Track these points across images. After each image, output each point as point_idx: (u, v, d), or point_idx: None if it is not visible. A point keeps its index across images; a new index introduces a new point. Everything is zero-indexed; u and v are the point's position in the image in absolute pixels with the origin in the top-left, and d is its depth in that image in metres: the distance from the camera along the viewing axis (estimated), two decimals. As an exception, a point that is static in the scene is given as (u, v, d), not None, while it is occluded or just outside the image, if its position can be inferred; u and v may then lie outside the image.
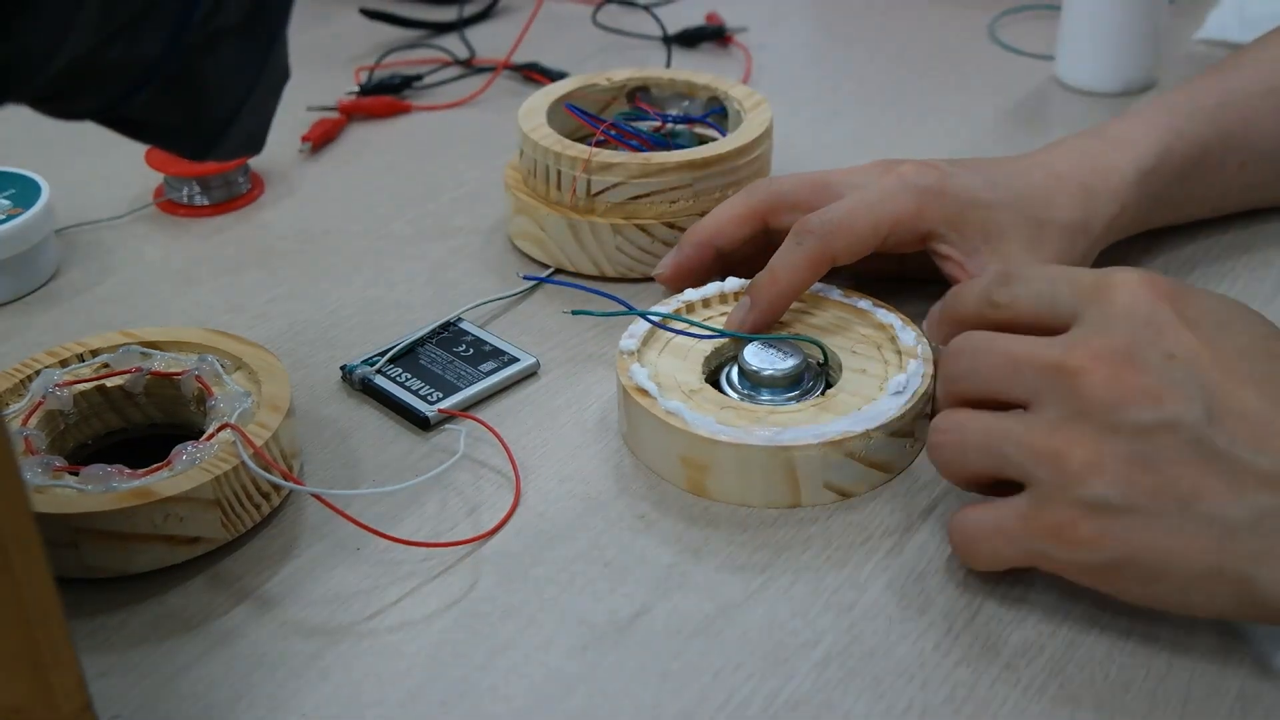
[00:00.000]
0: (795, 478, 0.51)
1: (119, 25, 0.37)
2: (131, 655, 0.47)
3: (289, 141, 0.82)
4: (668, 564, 0.50)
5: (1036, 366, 0.44)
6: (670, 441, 0.53)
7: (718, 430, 0.52)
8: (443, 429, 0.57)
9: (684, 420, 0.52)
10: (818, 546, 0.51)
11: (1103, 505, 0.42)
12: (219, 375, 0.55)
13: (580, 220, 0.66)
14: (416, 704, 0.45)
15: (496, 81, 0.92)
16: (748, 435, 0.51)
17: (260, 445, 0.50)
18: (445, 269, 0.69)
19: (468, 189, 0.78)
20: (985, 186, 0.60)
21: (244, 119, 0.43)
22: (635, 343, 0.57)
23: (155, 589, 0.49)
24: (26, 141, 0.80)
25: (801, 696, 0.44)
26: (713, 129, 0.73)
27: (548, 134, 0.68)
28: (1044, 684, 0.45)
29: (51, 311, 0.67)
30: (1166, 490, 0.42)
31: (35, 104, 0.39)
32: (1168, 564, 0.43)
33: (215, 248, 0.72)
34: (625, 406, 0.55)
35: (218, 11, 0.39)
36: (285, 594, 0.49)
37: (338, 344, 0.63)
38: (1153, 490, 0.42)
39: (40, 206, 0.68)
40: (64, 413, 0.54)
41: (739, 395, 0.55)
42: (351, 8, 1.03)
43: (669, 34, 0.98)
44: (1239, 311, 0.46)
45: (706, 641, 0.47)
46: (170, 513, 0.48)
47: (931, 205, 0.58)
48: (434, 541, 0.51)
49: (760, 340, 0.56)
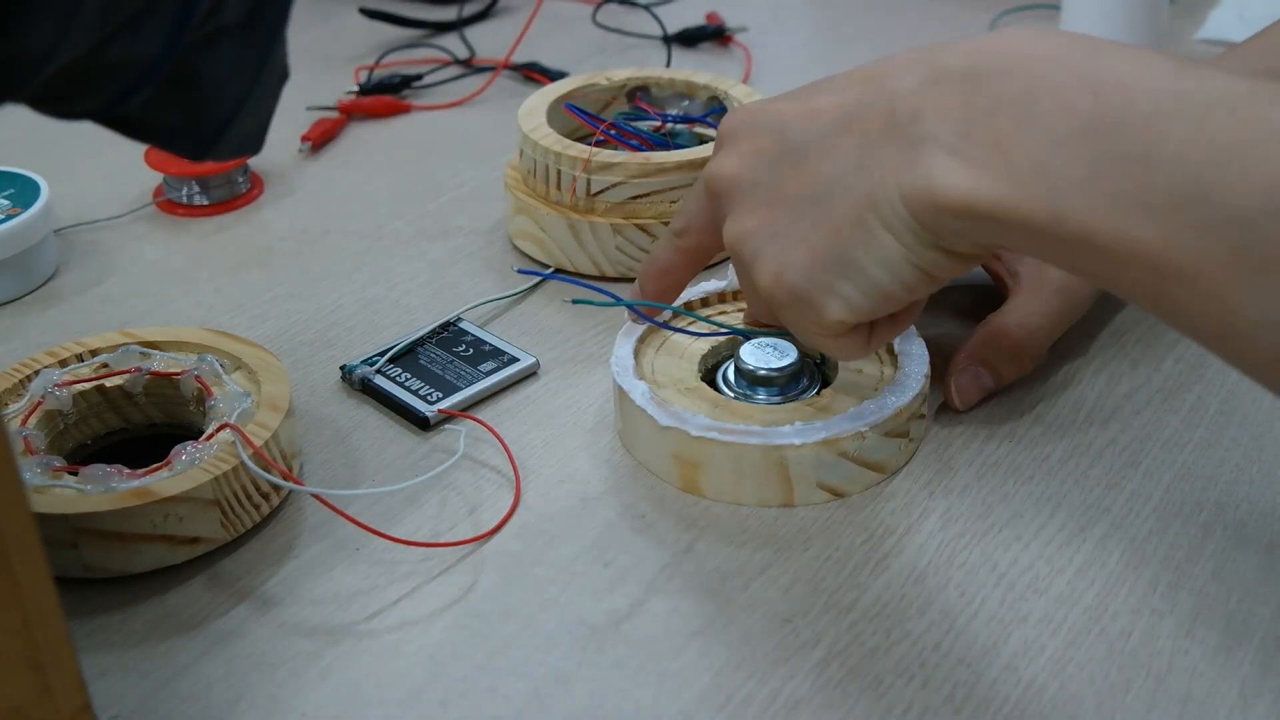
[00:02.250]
0: (787, 477, 0.51)
1: (118, 25, 0.37)
2: (131, 655, 0.47)
3: (289, 141, 0.82)
4: (667, 564, 0.50)
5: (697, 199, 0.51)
6: (662, 439, 0.53)
7: (709, 428, 0.52)
8: (442, 429, 0.57)
9: (676, 418, 0.52)
10: (818, 546, 0.51)
11: (754, 249, 0.47)
12: (219, 375, 0.55)
13: (580, 220, 0.66)
14: (416, 704, 0.45)
15: (496, 81, 0.92)
16: (739, 434, 0.51)
17: (260, 445, 0.50)
18: (445, 269, 0.69)
19: (468, 189, 0.78)
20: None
21: (243, 119, 0.43)
22: (632, 340, 0.57)
23: (155, 589, 0.49)
24: (26, 141, 0.80)
25: (801, 696, 0.44)
26: (713, 129, 0.73)
27: (548, 134, 0.68)
28: (1044, 684, 0.45)
29: (51, 311, 0.67)
30: (781, 207, 0.46)
31: (35, 104, 0.39)
32: (831, 250, 0.44)
33: (215, 247, 0.72)
34: (619, 404, 0.55)
35: (217, 11, 0.39)
36: (285, 594, 0.49)
37: (338, 344, 0.63)
38: (772, 214, 0.47)
39: (40, 206, 0.68)
40: (63, 413, 0.54)
41: (735, 394, 0.55)
42: (351, 8, 1.03)
43: (669, 34, 0.98)
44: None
45: (706, 641, 0.47)
46: (170, 513, 0.48)
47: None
48: (434, 541, 0.51)
49: (758, 338, 0.56)
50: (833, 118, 0.45)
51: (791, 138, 0.46)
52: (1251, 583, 0.49)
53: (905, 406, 0.53)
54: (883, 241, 0.43)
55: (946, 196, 0.40)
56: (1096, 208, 0.37)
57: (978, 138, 0.39)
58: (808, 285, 0.45)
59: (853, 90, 0.45)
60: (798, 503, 0.52)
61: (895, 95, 0.42)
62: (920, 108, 0.41)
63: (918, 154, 0.41)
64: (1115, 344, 0.62)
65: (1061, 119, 0.38)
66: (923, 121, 0.41)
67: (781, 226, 0.46)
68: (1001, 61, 0.40)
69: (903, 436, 0.53)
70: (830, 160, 0.44)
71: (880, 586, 0.49)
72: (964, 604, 0.48)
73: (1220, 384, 0.59)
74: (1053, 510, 0.52)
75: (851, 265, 0.44)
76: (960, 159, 0.40)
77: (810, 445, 0.51)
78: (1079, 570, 0.49)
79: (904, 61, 0.43)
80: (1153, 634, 0.46)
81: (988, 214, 0.39)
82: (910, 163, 0.41)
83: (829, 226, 0.44)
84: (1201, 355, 0.61)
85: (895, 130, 0.42)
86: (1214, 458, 0.55)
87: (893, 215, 0.42)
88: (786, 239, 0.46)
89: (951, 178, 0.40)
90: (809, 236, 0.45)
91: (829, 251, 0.44)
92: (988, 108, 0.39)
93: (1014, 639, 0.46)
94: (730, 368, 0.57)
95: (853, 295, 0.45)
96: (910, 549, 0.50)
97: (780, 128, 0.47)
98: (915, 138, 0.41)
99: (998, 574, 0.49)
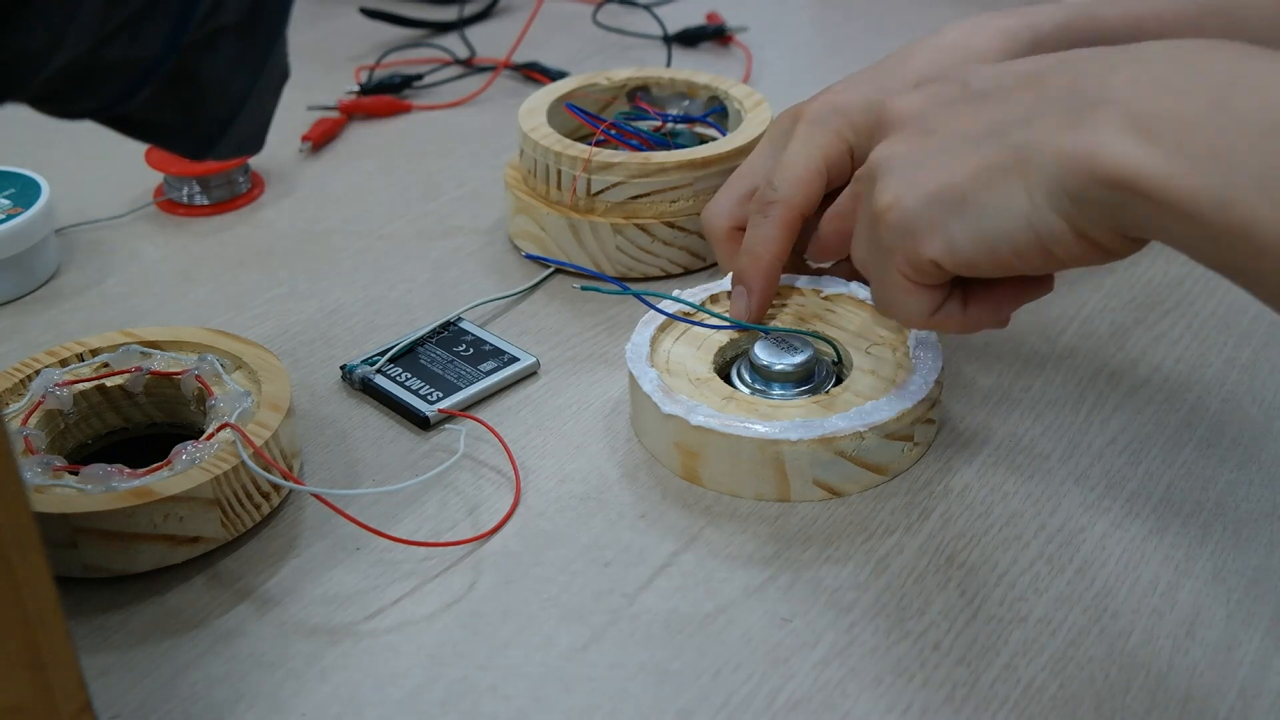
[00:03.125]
0: (783, 472, 0.52)
1: (118, 25, 0.37)
2: (131, 655, 0.47)
3: (289, 141, 0.82)
4: (667, 564, 0.50)
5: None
6: (665, 428, 0.53)
7: (710, 418, 0.52)
8: (443, 429, 0.57)
9: (678, 407, 0.52)
10: (818, 546, 0.51)
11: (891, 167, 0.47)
12: (219, 375, 0.55)
13: (580, 220, 0.66)
14: (416, 704, 0.45)
15: (496, 81, 0.92)
16: (739, 426, 0.51)
17: (260, 445, 0.50)
18: (445, 269, 0.69)
19: (468, 189, 0.78)
20: (874, 89, 0.60)
21: (243, 118, 0.43)
22: (650, 328, 0.57)
23: (155, 588, 0.49)
24: (26, 141, 0.80)
25: (801, 696, 0.44)
26: (713, 128, 0.73)
27: (548, 133, 0.68)
28: (1044, 684, 0.45)
29: (51, 311, 0.67)
30: (936, 138, 0.46)
31: (35, 104, 0.39)
32: (960, 187, 0.44)
33: (215, 247, 0.72)
34: (631, 391, 0.56)
35: (217, 11, 0.39)
36: (285, 594, 0.49)
37: (338, 344, 0.63)
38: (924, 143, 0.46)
39: (40, 206, 0.68)
40: (64, 412, 0.54)
41: (750, 389, 0.56)
42: (351, 8, 1.03)
43: (669, 33, 0.98)
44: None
45: (706, 641, 0.47)
46: (170, 512, 0.48)
47: (841, 124, 0.59)
48: (434, 541, 0.51)
49: (774, 335, 0.56)
50: (1021, 72, 0.45)
51: (975, 85, 0.46)
52: (1251, 583, 0.49)
53: (908, 410, 0.52)
54: (1012, 191, 0.42)
55: (1108, 165, 0.39)
56: (1266, 205, 0.36)
57: (1163, 112, 0.39)
58: (921, 213, 0.45)
59: (1052, 57, 0.45)
60: (794, 498, 0.52)
61: (1088, 58, 0.42)
62: (1111, 73, 0.41)
63: (1092, 116, 0.40)
64: (1115, 344, 0.62)
65: (1258, 112, 0.37)
66: (1109, 85, 0.40)
67: (927, 156, 0.46)
68: (1203, 47, 0.40)
69: (906, 440, 0.53)
70: (1002, 108, 0.44)
71: (880, 586, 0.49)
72: (964, 604, 0.48)
73: (1220, 384, 0.59)
74: (1053, 510, 0.52)
75: (970, 205, 0.43)
76: (1136, 131, 0.39)
77: (807, 442, 0.51)
78: (1079, 570, 0.49)
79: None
80: (1153, 634, 0.46)
81: (1146, 191, 0.38)
82: (1079, 122, 0.40)
83: (970, 166, 0.44)
84: (1201, 355, 0.61)
85: (1077, 90, 0.41)
86: (1214, 458, 0.55)
87: (1036, 170, 0.41)
88: (926, 168, 0.45)
89: (1120, 146, 0.39)
90: (947, 169, 0.44)
91: (956, 188, 0.44)
92: (1182, 87, 0.39)
93: (1014, 639, 0.46)
94: (745, 363, 0.57)
95: (958, 236, 0.44)
96: (910, 549, 0.50)
97: (970, 75, 0.47)
98: (1095, 99, 0.40)
99: (998, 574, 0.49)
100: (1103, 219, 0.41)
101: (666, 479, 0.54)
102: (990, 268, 0.44)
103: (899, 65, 0.62)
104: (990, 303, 0.49)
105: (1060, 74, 0.43)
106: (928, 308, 0.48)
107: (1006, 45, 0.60)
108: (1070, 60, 0.44)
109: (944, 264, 0.45)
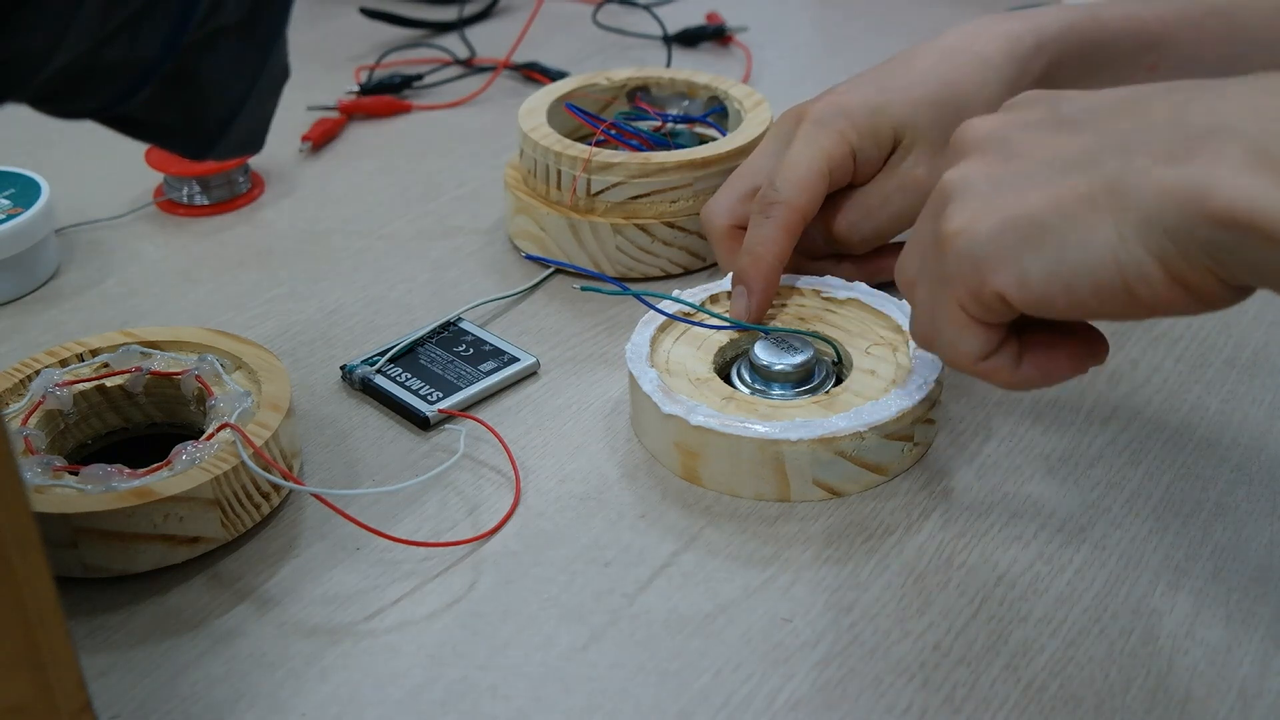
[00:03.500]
0: (783, 472, 0.52)
1: (118, 24, 0.37)
2: (131, 655, 0.47)
3: (289, 141, 0.82)
4: (667, 564, 0.50)
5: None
6: (665, 427, 0.53)
7: (710, 419, 0.52)
8: (443, 429, 0.57)
9: (678, 407, 0.52)
10: (818, 546, 0.51)
11: (966, 190, 0.43)
12: (219, 375, 0.55)
13: (580, 220, 0.66)
14: (416, 704, 0.45)
15: (496, 81, 0.92)
16: (739, 426, 0.51)
17: (260, 445, 0.50)
18: (445, 269, 0.69)
19: (468, 189, 0.78)
20: (877, 91, 0.60)
21: (243, 118, 0.43)
22: (651, 328, 0.58)
23: (155, 589, 0.49)
24: (26, 141, 0.80)
25: (801, 696, 0.44)
26: (713, 128, 0.73)
27: (548, 134, 0.68)
28: (1044, 684, 0.45)
29: (51, 311, 0.67)
30: (1018, 162, 0.42)
31: (35, 104, 0.39)
32: (1040, 217, 0.40)
33: (215, 247, 0.72)
34: (631, 392, 0.56)
35: (217, 11, 0.39)
36: (285, 594, 0.49)
37: (338, 344, 0.63)
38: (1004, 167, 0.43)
39: (40, 206, 0.68)
40: (64, 412, 0.54)
41: (750, 389, 0.56)
42: (351, 8, 1.03)
43: (669, 33, 0.98)
44: None
45: (706, 641, 0.47)
46: (170, 512, 0.48)
47: (844, 126, 0.59)
48: (434, 541, 0.51)
49: (774, 335, 0.56)
50: (1117, 98, 0.42)
51: (1064, 109, 0.43)
52: (1251, 583, 0.49)
53: (908, 410, 0.52)
54: (1099, 224, 0.38)
55: (1224, 202, 0.35)
56: None
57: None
58: (994, 241, 0.41)
59: (1151, 86, 0.41)
60: (794, 498, 0.52)
61: (1193, 87, 0.39)
62: (1222, 102, 0.37)
63: (1204, 148, 0.36)
64: (1115, 344, 0.62)
65: None
66: (1222, 115, 0.37)
67: (1007, 180, 0.42)
68: None
69: (906, 440, 0.53)
70: (1095, 136, 0.41)
71: (880, 586, 0.49)
72: (964, 604, 0.48)
73: (1220, 384, 0.59)
74: (1053, 510, 0.52)
75: (1050, 237, 0.40)
76: (1259, 166, 0.35)
77: (807, 442, 0.51)
78: (1079, 570, 0.49)
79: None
80: (1153, 634, 0.46)
81: (1270, 232, 0.35)
82: (1187, 154, 0.37)
83: (1053, 195, 0.40)
84: (1202, 355, 0.61)
85: (1182, 121, 0.38)
86: (1214, 458, 0.55)
87: (1132, 204, 0.38)
88: (1004, 193, 0.42)
89: (1239, 182, 0.35)
90: (1027, 197, 0.41)
91: (1036, 217, 0.40)
92: None
93: (1014, 639, 0.46)
94: (745, 363, 0.57)
95: (1032, 269, 0.40)
96: (910, 549, 0.50)
97: (1058, 100, 0.44)
98: (1207, 130, 0.37)
99: (998, 574, 0.49)
100: (1206, 262, 0.37)
101: (666, 479, 0.54)
102: (1064, 307, 0.40)
103: (902, 67, 0.62)
104: (1047, 364, 0.45)
105: (1162, 102, 0.39)
106: (981, 347, 0.44)
107: (1010, 48, 0.60)
108: (1174, 89, 0.40)
109: (1012, 298, 0.41)
